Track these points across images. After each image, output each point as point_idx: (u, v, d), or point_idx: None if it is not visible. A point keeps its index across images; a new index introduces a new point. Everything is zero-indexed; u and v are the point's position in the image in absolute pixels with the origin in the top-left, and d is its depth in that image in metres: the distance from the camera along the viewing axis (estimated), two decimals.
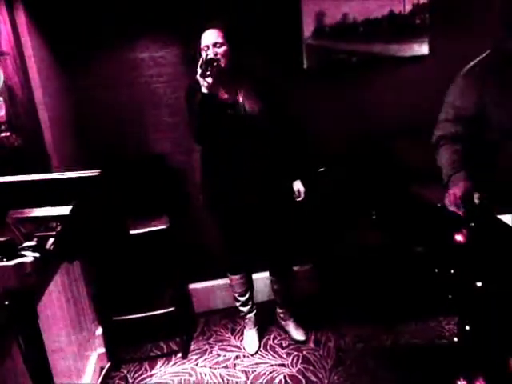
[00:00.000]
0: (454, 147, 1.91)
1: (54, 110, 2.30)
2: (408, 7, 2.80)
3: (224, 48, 2.21)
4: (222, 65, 2.19)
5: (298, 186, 2.54)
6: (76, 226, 1.17)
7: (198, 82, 2.13)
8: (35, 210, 1.17)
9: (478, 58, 1.94)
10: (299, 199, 2.55)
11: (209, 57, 2.12)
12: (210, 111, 2.19)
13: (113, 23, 2.54)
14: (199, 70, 2.09)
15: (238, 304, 2.74)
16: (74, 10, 2.47)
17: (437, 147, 1.98)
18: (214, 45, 2.19)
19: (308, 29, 2.71)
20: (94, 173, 1.19)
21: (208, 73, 2.08)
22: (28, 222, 1.16)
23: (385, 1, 2.76)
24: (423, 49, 2.88)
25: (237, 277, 2.65)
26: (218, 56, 2.18)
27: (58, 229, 1.15)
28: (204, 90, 2.13)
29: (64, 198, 1.17)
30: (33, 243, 1.10)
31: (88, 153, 2.63)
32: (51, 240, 1.13)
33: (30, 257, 1.05)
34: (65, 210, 1.16)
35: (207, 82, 2.10)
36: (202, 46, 2.21)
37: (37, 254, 1.06)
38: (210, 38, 2.20)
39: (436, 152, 1.97)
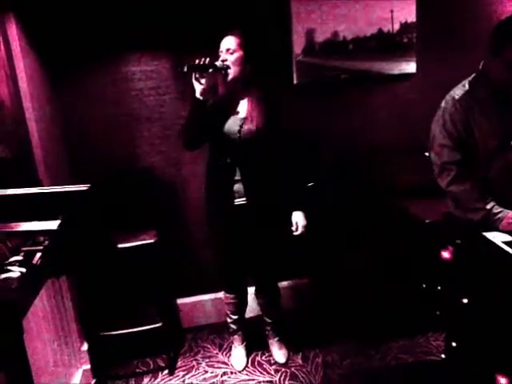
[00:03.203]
0: (467, 185, 1.93)
1: (43, 122, 2.29)
2: (396, 26, 2.85)
3: (236, 55, 2.19)
4: (231, 71, 2.17)
5: (297, 218, 2.36)
6: (63, 240, 1.16)
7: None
8: (23, 224, 1.16)
9: (465, 83, 1.98)
10: (297, 233, 2.37)
11: (198, 62, 2.09)
12: (199, 117, 2.17)
13: (104, 36, 2.54)
14: (193, 74, 2.09)
15: (228, 320, 2.71)
16: (65, 23, 2.47)
17: (444, 173, 1.98)
18: (227, 50, 2.19)
19: (298, 46, 2.75)
20: (83, 187, 1.19)
21: (203, 79, 2.09)
22: (15, 237, 1.14)
23: (374, 20, 2.81)
24: (411, 67, 2.93)
25: (232, 296, 2.61)
26: (228, 62, 2.17)
27: (46, 243, 1.14)
28: (197, 95, 2.12)
29: (52, 212, 1.16)
30: (19, 258, 1.09)
31: (77, 166, 2.61)
32: (38, 255, 1.12)
33: (16, 272, 1.04)
34: (52, 225, 1.15)
35: (200, 86, 2.10)
36: (219, 50, 2.22)
37: (23, 269, 1.05)
38: (225, 43, 2.20)
39: (448, 180, 1.97)
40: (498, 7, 2.96)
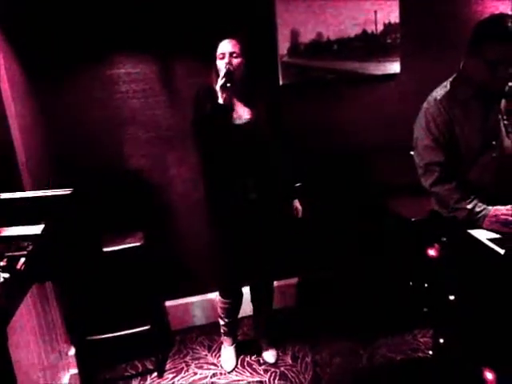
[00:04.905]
0: (449, 186, 1.95)
1: (26, 128, 2.27)
2: (380, 27, 2.87)
3: (239, 60, 2.21)
4: (236, 76, 2.18)
5: (296, 204, 2.55)
6: (48, 245, 1.15)
7: (208, 89, 2.15)
8: (6, 229, 1.15)
9: (447, 84, 1.99)
10: (298, 217, 2.56)
11: (231, 68, 2.12)
12: (221, 122, 2.18)
13: (88, 39, 2.52)
14: (220, 81, 2.09)
15: (221, 323, 2.70)
16: (48, 26, 2.45)
17: (427, 174, 1.99)
18: (231, 54, 2.19)
19: (283, 47, 2.75)
20: (66, 191, 1.18)
21: (229, 85, 2.09)
22: None
23: (358, 20, 2.82)
24: (395, 67, 2.95)
25: (228, 301, 2.58)
26: (234, 66, 2.17)
27: (30, 248, 1.12)
28: (220, 101, 2.12)
29: (36, 217, 1.15)
30: (3, 264, 1.07)
31: (62, 170, 2.58)
32: (22, 260, 1.10)
33: None
34: (36, 230, 1.14)
35: (226, 94, 2.10)
36: (218, 53, 2.21)
37: (6, 275, 1.03)
38: (228, 46, 2.20)
39: (431, 181, 1.98)
40: (480, 7, 2.99)
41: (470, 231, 1.86)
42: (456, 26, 2.92)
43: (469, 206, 1.89)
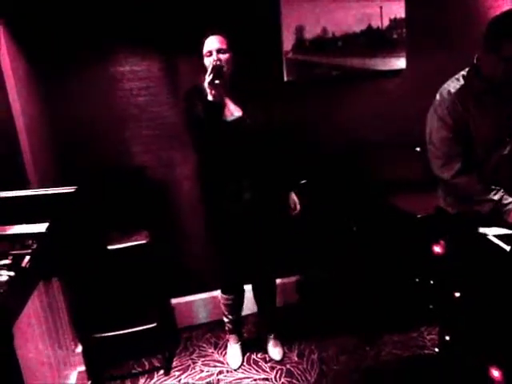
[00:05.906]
0: (471, 177, 1.92)
1: (32, 125, 2.27)
2: (385, 22, 2.85)
3: (227, 55, 2.17)
4: (225, 71, 2.13)
5: (294, 198, 2.50)
6: (53, 243, 1.16)
7: (197, 88, 2.12)
8: (11, 227, 1.15)
9: (460, 77, 1.96)
10: (296, 212, 2.50)
11: (218, 63, 2.04)
12: (213, 120, 2.14)
13: (93, 37, 2.53)
14: (208, 78, 2.02)
15: (225, 320, 2.70)
16: (52, 23, 2.45)
17: (448, 165, 1.96)
18: (218, 51, 2.15)
19: (288, 43, 2.74)
20: (71, 189, 1.18)
21: (217, 81, 2.01)
22: (3, 240, 1.13)
23: (363, 16, 2.81)
24: (401, 62, 2.94)
25: (230, 297, 2.59)
26: (223, 63, 2.11)
27: (34, 246, 1.13)
28: (210, 98, 2.06)
29: (40, 215, 1.15)
30: (8, 262, 1.08)
31: (67, 166, 2.59)
32: (27, 258, 1.11)
33: (4, 276, 1.03)
34: (41, 228, 1.14)
35: (215, 91, 2.03)
36: (205, 51, 2.17)
37: (12, 273, 1.04)
38: (215, 43, 2.16)
39: (452, 173, 1.94)
40: (487, 2, 2.97)
41: (475, 227, 1.85)
42: (462, 20, 2.90)
43: (495, 197, 1.87)
